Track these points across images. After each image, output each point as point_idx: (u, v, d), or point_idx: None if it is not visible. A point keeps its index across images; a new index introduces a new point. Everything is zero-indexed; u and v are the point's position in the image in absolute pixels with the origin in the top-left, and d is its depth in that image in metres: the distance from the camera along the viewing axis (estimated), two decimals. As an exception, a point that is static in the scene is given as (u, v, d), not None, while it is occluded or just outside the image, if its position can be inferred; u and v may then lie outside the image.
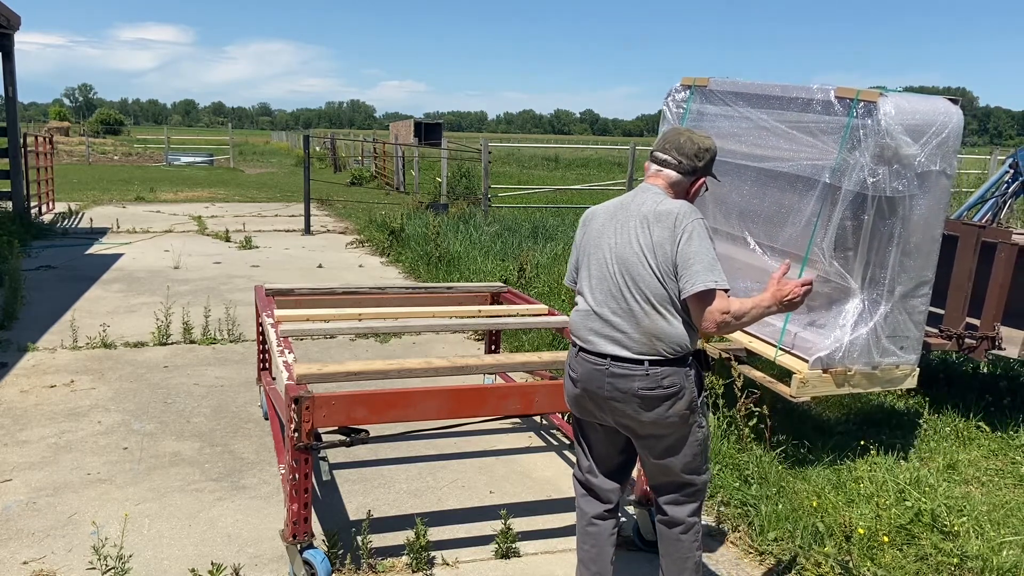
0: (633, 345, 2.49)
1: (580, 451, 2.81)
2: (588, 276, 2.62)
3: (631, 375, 2.48)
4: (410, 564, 3.17)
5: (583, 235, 2.71)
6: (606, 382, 2.52)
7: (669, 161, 2.61)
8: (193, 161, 32.23)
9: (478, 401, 3.28)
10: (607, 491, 2.75)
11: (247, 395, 5.07)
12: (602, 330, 2.54)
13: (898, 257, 3.78)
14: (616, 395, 2.51)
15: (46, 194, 14.69)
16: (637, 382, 2.47)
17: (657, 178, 2.64)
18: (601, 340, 2.54)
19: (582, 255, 2.69)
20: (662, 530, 2.70)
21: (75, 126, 48.91)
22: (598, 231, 2.63)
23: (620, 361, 2.49)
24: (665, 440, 2.56)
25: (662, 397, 2.48)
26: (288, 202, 17.65)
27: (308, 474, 2.94)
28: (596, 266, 2.60)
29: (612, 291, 2.53)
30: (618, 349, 2.50)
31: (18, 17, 11.64)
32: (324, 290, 4.66)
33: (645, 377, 2.47)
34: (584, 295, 2.63)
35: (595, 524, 2.75)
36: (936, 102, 3.77)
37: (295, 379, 3.06)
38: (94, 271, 9.04)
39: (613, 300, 2.53)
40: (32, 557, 3.16)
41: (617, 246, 2.55)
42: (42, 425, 4.51)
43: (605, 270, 2.56)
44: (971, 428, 4.68)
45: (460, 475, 4.06)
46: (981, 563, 3.14)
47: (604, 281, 2.56)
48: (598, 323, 2.55)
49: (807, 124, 3.89)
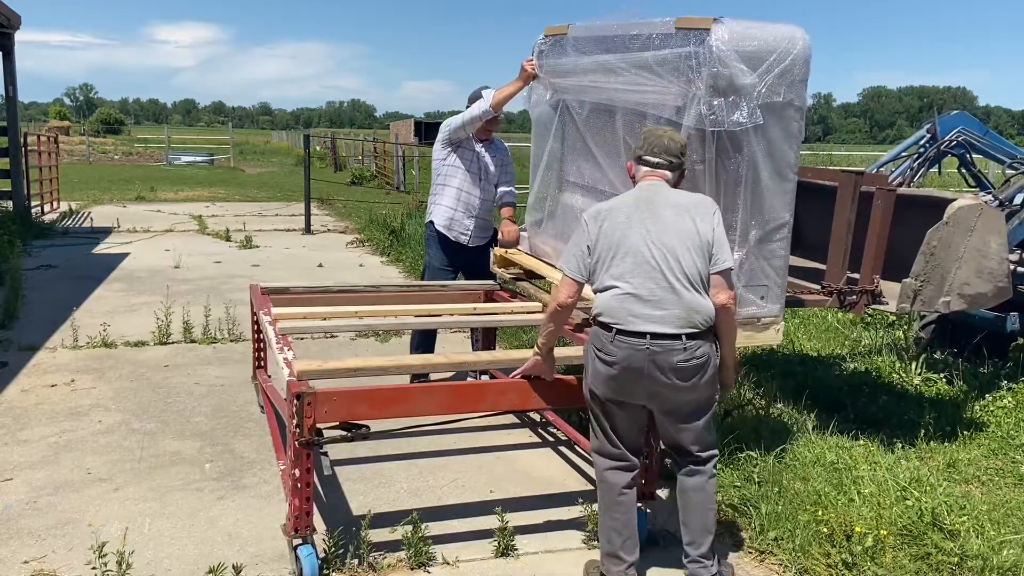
0: (673, 321, 2.77)
1: (601, 430, 3.02)
2: (618, 264, 2.85)
3: (671, 350, 2.76)
4: (410, 562, 3.17)
5: (600, 229, 2.93)
6: (647, 360, 2.77)
7: (662, 163, 3.00)
8: (193, 161, 32.22)
9: (477, 397, 3.31)
10: (633, 463, 3.04)
11: (247, 394, 5.08)
12: (642, 311, 2.78)
13: (748, 198, 3.46)
14: (656, 370, 2.78)
15: (49, 193, 14.70)
16: (676, 356, 2.77)
17: (655, 176, 3.01)
18: (639, 320, 2.78)
19: (604, 248, 2.90)
20: (688, 483, 3.00)
21: (75, 125, 48.93)
22: (623, 224, 2.87)
23: (659, 338, 2.76)
24: (693, 404, 2.88)
25: (696, 367, 2.80)
26: (288, 201, 17.65)
27: (310, 469, 2.95)
28: (630, 253, 2.83)
29: (651, 274, 2.79)
30: (657, 327, 2.77)
31: (18, 16, 11.64)
32: (320, 288, 4.68)
33: (683, 351, 2.77)
34: (615, 282, 2.84)
35: (624, 493, 3.00)
36: (778, 28, 3.40)
37: (296, 375, 3.06)
38: (94, 270, 9.04)
39: (652, 282, 2.78)
40: (33, 556, 3.16)
41: (654, 233, 2.82)
42: (43, 424, 4.51)
43: (643, 255, 2.81)
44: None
45: (460, 474, 4.06)
46: (981, 562, 3.13)
47: (641, 265, 2.81)
48: (638, 305, 2.79)
49: (650, 61, 3.56)
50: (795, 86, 3.38)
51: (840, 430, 4.58)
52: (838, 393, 5.21)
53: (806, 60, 3.37)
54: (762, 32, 3.34)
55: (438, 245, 5.06)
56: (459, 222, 4.99)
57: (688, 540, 3.01)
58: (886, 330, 6.94)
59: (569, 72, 4.17)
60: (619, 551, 2.95)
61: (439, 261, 5.07)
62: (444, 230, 5.00)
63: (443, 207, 5.01)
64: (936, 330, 6.11)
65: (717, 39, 3.22)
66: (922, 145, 6.21)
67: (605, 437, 3.02)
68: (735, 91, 3.26)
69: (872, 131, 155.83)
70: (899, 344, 6.30)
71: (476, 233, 5.06)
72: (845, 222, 4.15)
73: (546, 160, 4.57)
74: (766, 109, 3.33)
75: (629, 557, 2.96)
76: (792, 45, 3.35)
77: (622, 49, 3.72)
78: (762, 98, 3.30)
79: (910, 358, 5.76)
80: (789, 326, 6.79)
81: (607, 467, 3.02)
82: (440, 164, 5.03)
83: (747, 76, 3.26)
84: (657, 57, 3.49)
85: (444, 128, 4.95)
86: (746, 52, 3.27)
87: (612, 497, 3.00)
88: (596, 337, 2.90)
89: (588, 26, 4.12)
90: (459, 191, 4.97)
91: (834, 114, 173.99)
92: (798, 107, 3.44)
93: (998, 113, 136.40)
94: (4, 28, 11.51)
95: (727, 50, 3.22)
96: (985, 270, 4.10)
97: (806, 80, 3.41)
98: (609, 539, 2.98)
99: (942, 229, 3.97)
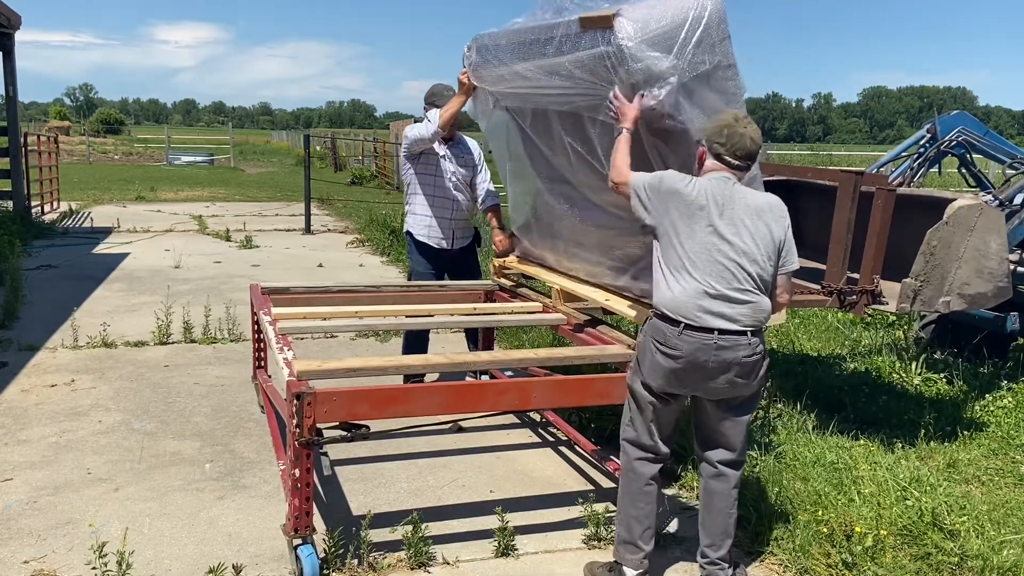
0: (741, 319, 2.82)
1: (642, 422, 3.04)
2: (686, 254, 2.85)
3: (736, 345, 2.83)
4: (410, 561, 3.17)
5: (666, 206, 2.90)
6: (712, 355, 2.82)
7: (742, 167, 2.97)
8: (193, 161, 32.23)
9: (477, 397, 3.31)
10: (666, 454, 3.09)
11: (247, 394, 5.08)
12: (712, 307, 2.81)
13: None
14: (720, 364, 2.83)
15: (50, 193, 14.71)
16: (741, 351, 2.83)
17: (729, 172, 2.95)
18: (709, 316, 2.81)
19: (678, 225, 2.87)
20: (715, 486, 3.04)
21: (76, 125, 48.92)
22: (703, 216, 2.85)
23: (726, 334, 2.81)
24: (745, 398, 2.97)
25: (756, 362, 2.88)
26: (288, 201, 17.66)
27: (310, 469, 2.95)
28: (703, 249, 2.84)
29: (723, 275, 2.82)
30: (725, 323, 2.81)
31: (18, 16, 11.64)
32: (320, 288, 4.68)
33: (748, 346, 2.84)
34: (684, 273, 2.85)
35: (651, 483, 3.04)
36: None
37: (296, 375, 3.06)
38: (95, 270, 9.04)
39: (725, 282, 2.81)
40: (33, 556, 3.16)
41: (730, 234, 2.83)
42: (43, 424, 4.51)
43: (717, 255, 2.83)
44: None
45: (460, 474, 4.06)
46: (981, 562, 3.13)
47: (715, 264, 2.83)
48: (707, 301, 2.82)
49: (567, 66, 3.40)
50: (717, 47, 3.18)
51: (840, 430, 4.59)
52: (838, 393, 5.21)
53: (720, 18, 3.17)
54: (667, 7, 3.14)
55: (420, 252, 5.05)
56: (437, 229, 4.97)
57: (708, 543, 3.03)
58: (886, 330, 6.94)
59: (500, 80, 4.03)
60: (638, 540, 3.01)
61: (423, 267, 5.05)
62: (424, 239, 4.99)
63: (418, 216, 4.98)
64: (936, 330, 6.12)
65: (623, 36, 3.06)
66: (922, 145, 6.21)
67: (644, 429, 3.04)
68: (656, 79, 3.10)
69: (872, 131, 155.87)
70: (899, 344, 6.30)
71: (458, 235, 5.04)
72: (845, 222, 4.14)
73: (511, 167, 4.51)
74: (698, 81, 3.17)
75: (646, 547, 3.02)
76: (702, 10, 3.14)
77: (538, 56, 3.58)
78: (687, 73, 3.13)
79: (910, 358, 5.76)
80: (789, 326, 6.80)
81: (637, 457, 3.06)
82: (408, 173, 5.00)
83: (664, 60, 3.08)
84: (574, 61, 3.35)
85: (404, 140, 4.90)
86: (656, 36, 3.08)
87: (639, 487, 3.04)
88: (658, 331, 2.90)
89: (503, 33, 3.93)
90: (432, 198, 4.93)
91: (834, 114, 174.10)
92: (728, 65, 3.23)
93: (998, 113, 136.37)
94: (4, 28, 11.51)
95: (635, 44, 3.05)
96: (985, 270, 4.10)
97: (727, 37, 3.20)
98: (629, 527, 3.03)
99: (942, 229, 3.97)
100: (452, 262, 5.11)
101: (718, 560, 3.01)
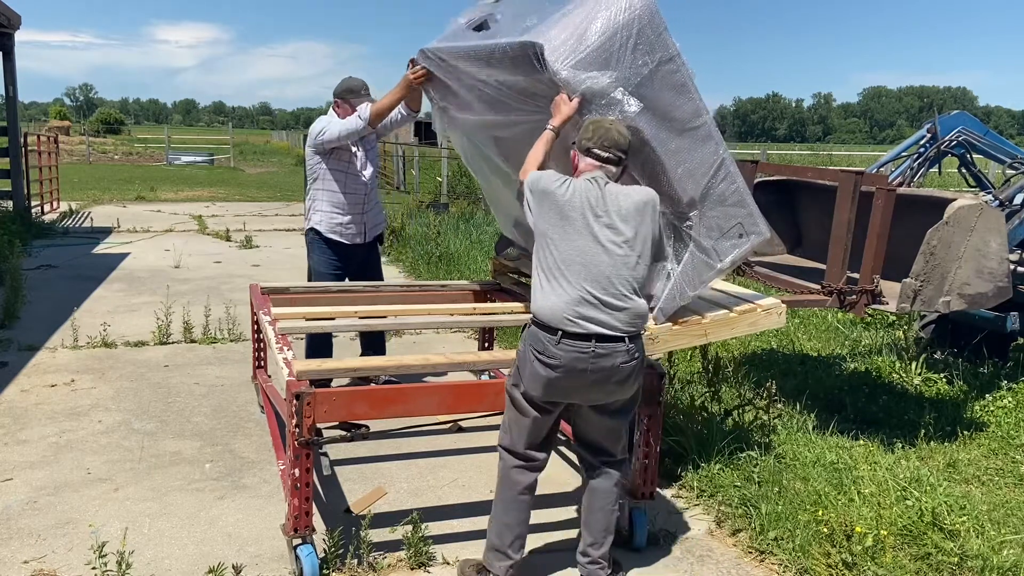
0: (618, 325, 2.77)
1: (520, 429, 2.97)
2: (562, 258, 2.78)
3: (614, 352, 2.77)
4: (410, 561, 3.18)
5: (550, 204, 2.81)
6: (590, 363, 2.76)
7: (611, 158, 2.90)
8: (193, 160, 32.22)
9: (476, 396, 3.31)
10: (543, 461, 3.04)
11: (247, 394, 5.08)
12: (589, 314, 2.75)
13: (674, 170, 3.20)
14: (598, 371, 2.78)
15: (50, 193, 14.71)
16: (619, 358, 2.78)
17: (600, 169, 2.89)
18: (587, 323, 2.75)
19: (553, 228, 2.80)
20: (597, 485, 3.02)
21: (76, 125, 48.91)
22: (578, 219, 2.78)
23: (604, 341, 2.76)
24: (622, 403, 2.94)
25: (635, 367, 2.84)
26: (289, 201, 17.66)
27: (309, 469, 2.95)
28: (578, 253, 2.77)
29: (599, 280, 2.75)
30: (603, 330, 2.75)
31: (18, 16, 11.64)
32: (320, 288, 4.67)
33: (626, 353, 2.79)
34: (560, 279, 2.78)
35: (525, 493, 3.00)
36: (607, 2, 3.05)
37: (296, 375, 3.06)
38: (95, 270, 9.04)
39: (600, 287, 2.75)
40: (32, 556, 3.16)
41: (609, 239, 2.77)
42: (43, 424, 4.51)
43: (594, 259, 2.76)
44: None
45: (460, 474, 4.06)
46: (981, 562, 3.14)
47: (590, 269, 2.75)
48: (584, 308, 2.75)
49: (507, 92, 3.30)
50: (656, 44, 3.07)
51: (840, 430, 4.59)
52: (838, 393, 5.21)
53: (652, 12, 3.04)
54: (594, 19, 3.01)
55: (323, 249, 4.79)
56: (351, 224, 4.75)
57: (590, 541, 3.01)
58: (886, 330, 6.94)
59: (450, 101, 3.85)
60: (507, 549, 2.97)
61: (327, 266, 4.80)
62: (335, 236, 4.74)
63: (326, 212, 4.71)
64: (936, 330, 6.12)
65: (553, 62, 2.95)
66: (922, 145, 6.20)
67: (521, 437, 2.97)
68: (600, 96, 3.03)
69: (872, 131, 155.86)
70: (899, 344, 6.30)
71: (370, 226, 4.85)
72: (845, 222, 4.14)
73: (483, 180, 4.42)
74: (643, 85, 3.08)
75: (515, 556, 2.98)
76: (631, 12, 3.02)
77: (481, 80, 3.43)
78: (632, 81, 3.05)
79: (910, 358, 5.76)
80: (789, 326, 6.79)
81: (514, 465, 3.00)
82: (317, 167, 4.70)
83: (604, 77, 3.02)
84: (516, 87, 3.25)
85: (314, 136, 4.60)
86: (590, 56, 2.99)
87: (512, 495, 2.98)
88: (537, 339, 2.81)
89: (446, 52, 3.67)
90: (344, 194, 4.69)
91: (834, 114, 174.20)
92: (670, 57, 3.11)
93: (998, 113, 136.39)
94: (4, 28, 11.51)
95: (569, 73, 2.97)
96: (985, 270, 4.10)
97: (664, 29, 3.08)
98: (500, 534, 2.98)
99: (942, 229, 3.97)
100: (361, 258, 4.90)
101: (599, 559, 3.00)
